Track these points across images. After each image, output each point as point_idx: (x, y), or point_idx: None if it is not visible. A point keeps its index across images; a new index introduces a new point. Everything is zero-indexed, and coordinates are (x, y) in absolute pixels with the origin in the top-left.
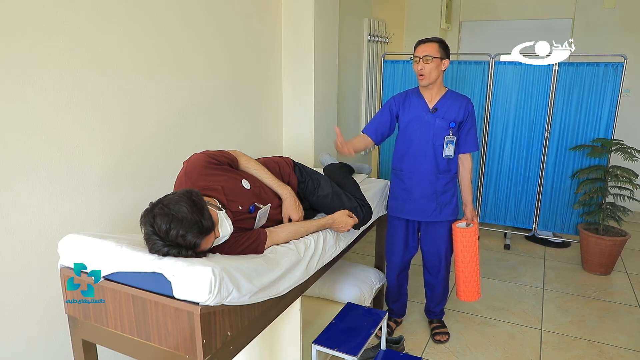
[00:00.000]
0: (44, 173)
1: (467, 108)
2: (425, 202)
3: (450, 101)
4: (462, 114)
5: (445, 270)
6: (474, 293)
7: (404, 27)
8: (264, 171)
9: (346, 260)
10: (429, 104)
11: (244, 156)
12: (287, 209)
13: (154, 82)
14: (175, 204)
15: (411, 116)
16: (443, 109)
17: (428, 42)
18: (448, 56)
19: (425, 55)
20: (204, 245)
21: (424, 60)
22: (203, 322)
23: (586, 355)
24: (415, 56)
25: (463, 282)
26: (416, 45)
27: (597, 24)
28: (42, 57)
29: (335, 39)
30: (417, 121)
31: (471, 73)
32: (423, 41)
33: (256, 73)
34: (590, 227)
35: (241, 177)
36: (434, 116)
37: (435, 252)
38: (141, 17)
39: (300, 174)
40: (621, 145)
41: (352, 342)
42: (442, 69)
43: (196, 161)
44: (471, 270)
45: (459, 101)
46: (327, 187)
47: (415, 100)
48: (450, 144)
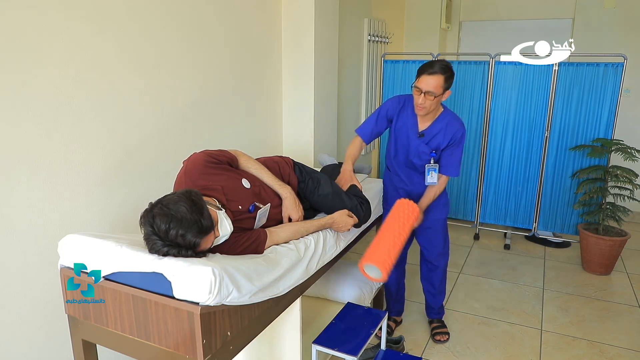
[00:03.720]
0: (44, 173)
1: (454, 136)
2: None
3: (440, 126)
4: (447, 141)
5: (443, 262)
6: (376, 259)
7: (404, 27)
8: (264, 170)
9: (346, 260)
10: (419, 126)
11: (243, 155)
12: (287, 208)
13: (154, 82)
14: (174, 204)
15: (400, 129)
16: (429, 135)
17: (433, 75)
18: (450, 86)
19: (428, 92)
20: (204, 245)
21: (426, 96)
22: (203, 322)
23: (586, 355)
24: (417, 87)
25: (374, 246)
26: (421, 71)
27: (597, 24)
28: (42, 57)
29: (335, 39)
30: (405, 139)
31: (471, 73)
32: (428, 71)
33: (256, 73)
34: (590, 227)
35: (241, 177)
36: (420, 140)
37: (431, 246)
38: (141, 17)
39: (300, 173)
40: (621, 145)
41: (352, 342)
42: (442, 100)
43: (196, 160)
44: (387, 239)
45: (449, 127)
46: (327, 187)
47: (408, 117)
48: (433, 172)
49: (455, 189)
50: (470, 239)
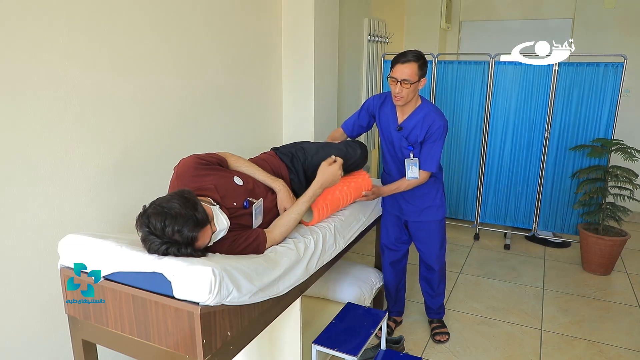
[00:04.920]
0: (44, 173)
1: (430, 129)
2: (404, 204)
3: (417, 119)
4: (423, 134)
5: (441, 263)
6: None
7: (404, 27)
8: (254, 167)
9: (346, 260)
10: (398, 119)
11: (232, 156)
12: (282, 200)
13: (154, 81)
14: (167, 202)
15: (382, 126)
16: (407, 128)
17: (407, 63)
18: (425, 73)
19: (404, 80)
20: (202, 240)
21: (402, 84)
22: (203, 322)
23: (586, 355)
24: (392, 77)
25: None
26: (394, 61)
27: (597, 24)
28: (42, 59)
29: (335, 39)
30: (387, 134)
31: (471, 73)
32: (402, 60)
33: (256, 73)
34: (590, 227)
35: (232, 175)
36: (399, 133)
37: (427, 248)
38: (142, 17)
39: (284, 155)
40: (621, 145)
41: (352, 342)
42: (419, 88)
43: (186, 164)
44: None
45: (426, 120)
46: (311, 147)
47: (388, 111)
48: (413, 166)
49: (455, 189)
50: (470, 239)
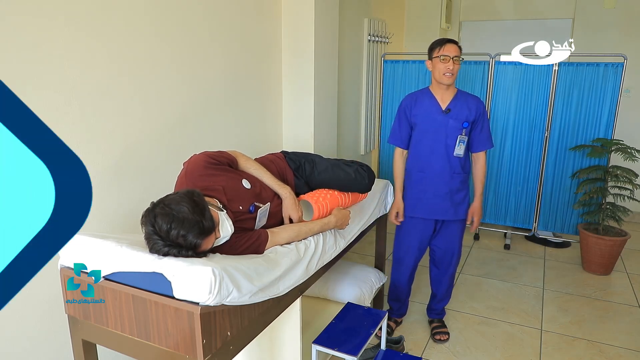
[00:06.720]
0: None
1: (478, 108)
2: (439, 202)
3: (461, 101)
4: (473, 114)
5: (454, 267)
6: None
7: (404, 27)
8: (263, 171)
9: (346, 260)
10: (442, 105)
11: (243, 156)
12: (287, 208)
13: (154, 81)
14: (176, 204)
15: (423, 117)
16: (455, 109)
17: (454, 44)
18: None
19: (456, 56)
20: (205, 246)
21: (454, 61)
22: (203, 322)
23: (586, 355)
24: (445, 55)
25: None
26: (440, 43)
27: (597, 24)
28: (41, 58)
29: (335, 39)
30: (430, 122)
31: (471, 73)
32: (449, 41)
33: (256, 73)
34: (590, 227)
35: (241, 177)
36: (447, 117)
37: (447, 249)
38: (142, 16)
39: (293, 162)
40: (621, 145)
41: (352, 342)
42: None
43: (196, 162)
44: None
45: (470, 101)
46: (323, 162)
47: (427, 102)
48: (462, 143)
49: None
50: (470, 239)
